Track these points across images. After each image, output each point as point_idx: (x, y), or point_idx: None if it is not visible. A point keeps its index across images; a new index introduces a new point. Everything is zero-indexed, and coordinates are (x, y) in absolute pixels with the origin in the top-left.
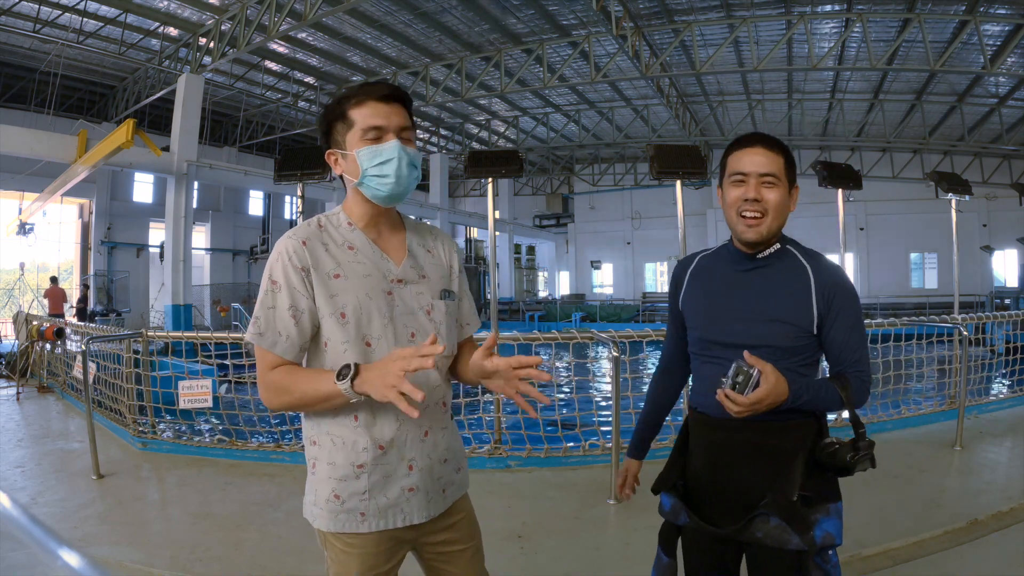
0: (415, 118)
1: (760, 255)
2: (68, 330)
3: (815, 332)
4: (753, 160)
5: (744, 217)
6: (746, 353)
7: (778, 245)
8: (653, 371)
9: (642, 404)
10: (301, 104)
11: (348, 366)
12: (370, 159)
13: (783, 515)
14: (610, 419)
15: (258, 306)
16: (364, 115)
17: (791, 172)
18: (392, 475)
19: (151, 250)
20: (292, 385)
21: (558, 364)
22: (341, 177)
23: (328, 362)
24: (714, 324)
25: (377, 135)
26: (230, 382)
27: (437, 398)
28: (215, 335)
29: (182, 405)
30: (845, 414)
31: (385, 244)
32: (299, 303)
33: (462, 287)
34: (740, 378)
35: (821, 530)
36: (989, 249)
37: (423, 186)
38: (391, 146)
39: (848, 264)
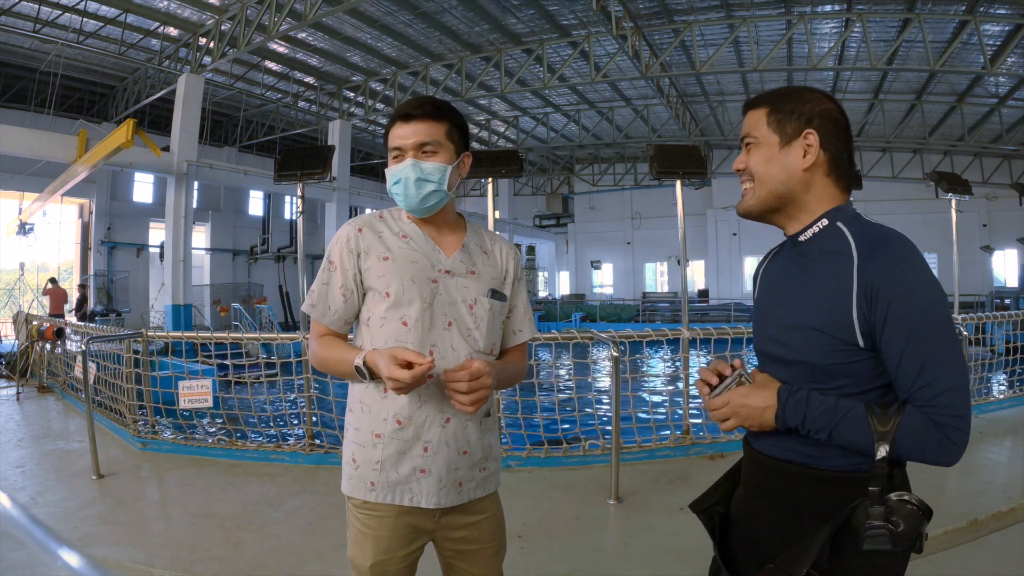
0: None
1: (801, 238)
2: (68, 330)
3: (862, 344)
4: (742, 128)
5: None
6: (737, 360)
7: (825, 221)
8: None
9: (642, 403)
10: (301, 104)
11: (362, 369)
12: (390, 179)
13: None
14: (610, 419)
15: (316, 281)
16: (391, 137)
17: (784, 120)
18: (406, 452)
19: (151, 250)
20: (326, 364)
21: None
22: None
23: (368, 336)
24: (757, 331)
25: (398, 155)
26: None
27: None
28: (215, 335)
29: (182, 405)
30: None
31: (440, 239)
32: (349, 283)
33: (518, 294)
34: (728, 379)
35: None
36: (989, 249)
37: None
38: (401, 167)
39: None
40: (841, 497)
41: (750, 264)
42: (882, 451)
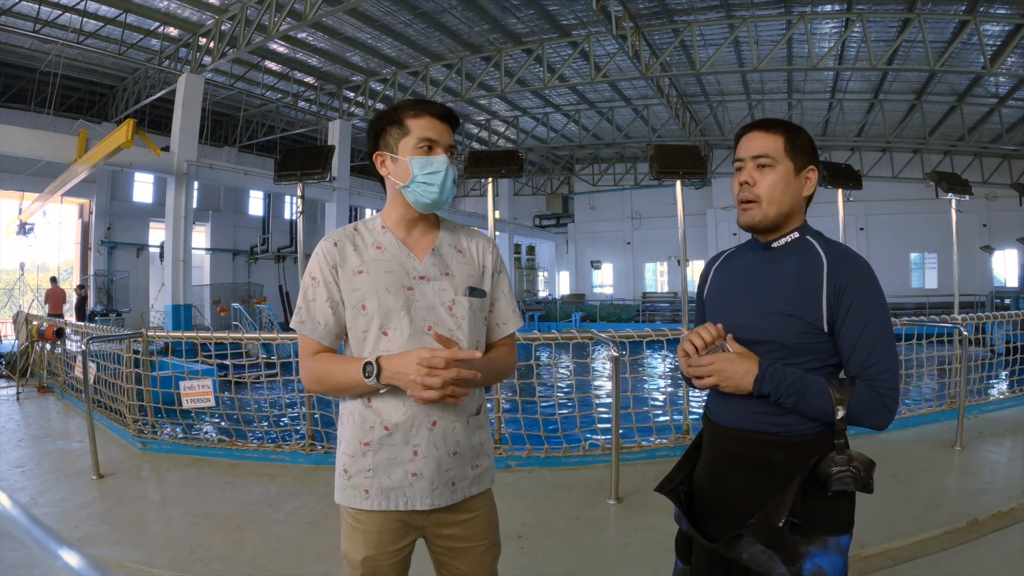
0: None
1: (775, 244)
2: (68, 330)
3: (826, 329)
4: (748, 144)
5: (740, 203)
6: (729, 336)
7: (796, 234)
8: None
9: (642, 403)
10: (301, 104)
11: (371, 364)
12: (421, 167)
13: (765, 540)
14: (610, 419)
15: (300, 298)
16: (421, 126)
17: (797, 152)
18: (396, 458)
19: (151, 250)
20: (327, 376)
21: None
22: (382, 181)
23: (349, 351)
24: (727, 318)
25: (429, 146)
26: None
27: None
28: (215, 335)
29: (185, 405)
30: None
31: (414, 244)
32: (334, 296)
33: (498, 287)
34: (713, 347)
35: (812, 564)
36: (989, 249)
37: None
38: (441, 159)
39: None
40: (804, 456)
41: None
42: (839, 414)
